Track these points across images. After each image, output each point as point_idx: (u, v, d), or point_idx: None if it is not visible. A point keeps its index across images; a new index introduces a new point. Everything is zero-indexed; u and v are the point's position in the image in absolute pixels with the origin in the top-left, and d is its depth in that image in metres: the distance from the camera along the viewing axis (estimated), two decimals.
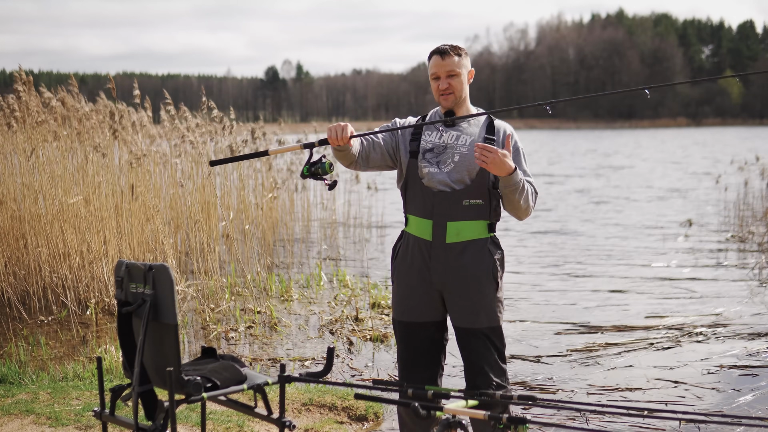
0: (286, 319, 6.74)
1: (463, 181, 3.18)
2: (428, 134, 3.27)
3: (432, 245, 3.20)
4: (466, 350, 3.25)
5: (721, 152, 32.38)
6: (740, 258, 9.69)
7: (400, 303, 3.31)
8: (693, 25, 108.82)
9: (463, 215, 3.17)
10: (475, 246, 3.20)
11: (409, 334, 3.30)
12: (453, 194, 3.17)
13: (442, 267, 3.19)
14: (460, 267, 3.18)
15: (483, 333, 3.21)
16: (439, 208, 3.17)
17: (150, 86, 69.37)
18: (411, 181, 3.25)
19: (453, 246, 3.18)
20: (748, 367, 5.36)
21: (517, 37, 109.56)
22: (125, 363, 2.92)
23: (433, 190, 3.19)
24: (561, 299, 7.53)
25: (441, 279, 3.20)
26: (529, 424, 1.91)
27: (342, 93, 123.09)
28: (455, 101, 3.25)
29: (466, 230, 3.18)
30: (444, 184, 3.18)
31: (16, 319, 6.58)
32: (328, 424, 4.27)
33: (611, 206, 15.53)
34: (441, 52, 3.23)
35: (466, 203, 3.17)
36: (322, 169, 3.06)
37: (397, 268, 3.32)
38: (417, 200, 3.23)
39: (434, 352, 3.31)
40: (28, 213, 7.17)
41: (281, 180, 10.38)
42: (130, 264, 2.86)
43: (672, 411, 2.42)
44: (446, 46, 3.25)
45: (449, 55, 3.22)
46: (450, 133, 3.25)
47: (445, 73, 3.23)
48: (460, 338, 3.27)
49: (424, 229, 3.21)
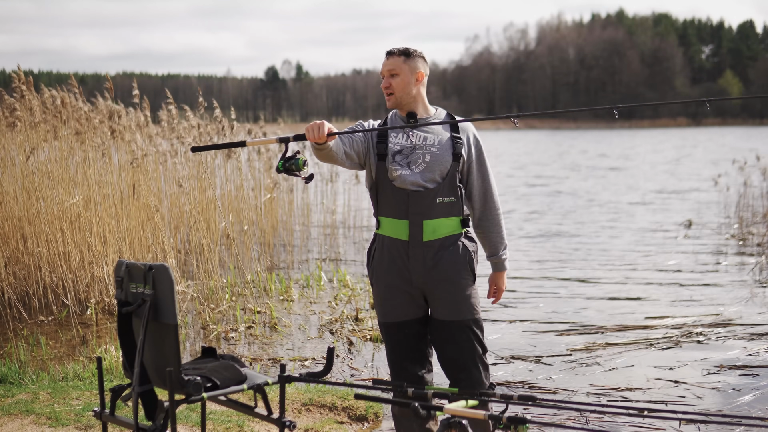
0: (286, 319, 6.74)
1: (435, 180, 3.23)
2: (394, 136, 3.30)
3: (409, 245, 3.24)
4: (449, 344, 3.29)
5: (721, 152, 32.37)
6: (740, 258, 9.69)
7: (383, 305, 3.35)
8: (693, 25, 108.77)
9: (438, 213, 3.23)
10: (451, 241, 3.26)
11: (395, 335, 3.35)
12: (427, 193, 3.21)
13: (421, 265, 3.23)
14: (439, 263, 3.23)
15: (467, 325, 3.27)
16: (414, 207, 3.22)
17: (150, 86, 69.38)
18: (381, 183, 3.28)
19: (430, 243, 3.23)
20: (748, 367, 5.36)
21: (517, 37, 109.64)
22: (125, 363, 2.92)
23: (407, 190, 3.22)
24: (561, 299, 7.53)
25: (421, 277, 3.25)
26: (529, 424, 1.91)
27: (342, 93, 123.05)
28: (396, 102, 3.30)
29: (441, 227, 3.24)
30: (416, 184, 3.22)
31: (16, 319, 6.58)
32: (328, 424, 4.27)
33: (611, 206, 15.53)
34: (388, 52, 3.30)
35: (439, 201, 3.23)
36: (295, 165, 3.07)
37: (375, 271, 3.36)
38: (390, 202, 3.27)
39: (422, 347, 3.36)
40: (28, 213, 7.17)
41: (283, 178, 10.37)
42: (130, 264, 2.86)
43: (672, 411, 2.43)
44: (397, 47, 3.30)
45: (394, 55, 3.28)
46: (416, 134, 3.28)
47: (387, 72, 3.29)
48: (443, 332, 3.29)
49: (399, 229, 3.25)
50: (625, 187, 19.37)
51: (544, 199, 16.96)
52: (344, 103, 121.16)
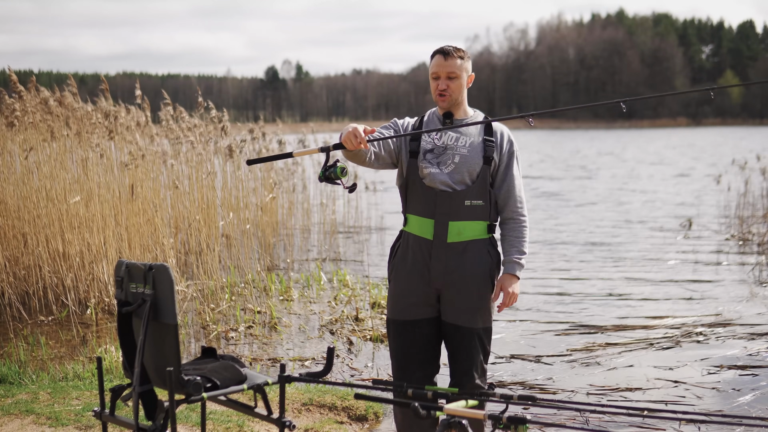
0: (286, 319, 6.74)
1: (465, 182, 3.21)
2: (427, 134, 3.29)
3: (433, 244, 3.22)
4: (456, 348, 3.28)
5: (721, 152, 32.37)
6: (740, 258, 9.69)
7: (398, 302, 3.33)
8: (693, 25, 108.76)
9: (465, 215, 3.21)
10: (476, 246, 3.23)
11: (405, 333, 3.32)
12: (455, 194, 3.19)
13: (443, 266, 3.21)
14: (459, 266, 3.21)
15: (477, 334, 3.26)
16: (442, 207, 3.20)
17: (150, 86, 69.26)
18: (411, 180, 3.27)
19: (454, 245, 3.21)
20: (748, 367, 5.36)
21: (517, 37, 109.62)
22: (125, 363, 2.92)
23: (436, 190, 3.21)
24: (561, 299, 7.53)
25: (440, 278, 3.22)
26: (529, 424, 1.91)
27: (342, 93, 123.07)
28: (451, 103, 3.27)
29: (467, 230, 3.21)
30: (445, 184, 3.20)
31: (16, 319, 6.57)
32: (328, 424, 4.27)
33: (611, 206, 15.53)
34: (444, 53, 3.24)
35: (467, 203, 3.20)
36: (334, 173, 3.09)
37: (396, 267, 3.34)
38: (418, 200, 3.25)
39: (430, 349, 3.33)
40: (28, 213, 7.17)
41: (284, 178, 10.37)
42: (130, 264, 2.86)
43: (672, 411, 2.43)
44: (450, 47, 3.26)
45: (452, 57, 3.22)
46: (449, 134, 3.26)
47: (445, 74, 3.23)
48: (451, 335, 3.29)
49: (425, 228, 3.23)
50: (625, 187, 19.37)
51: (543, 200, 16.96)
52: (344, 103, 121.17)
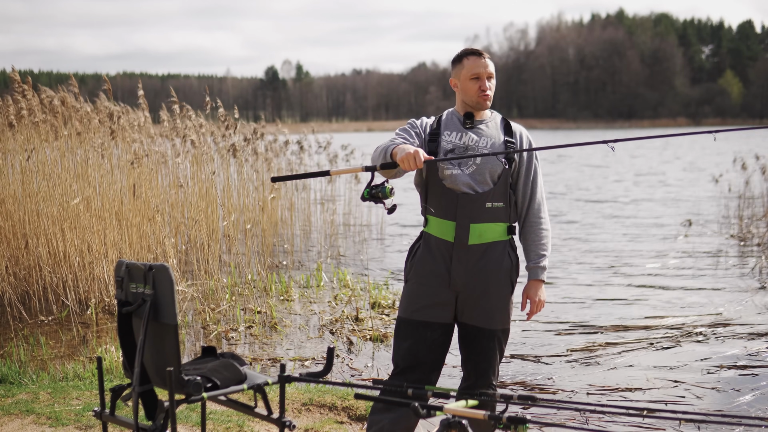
0: (286, 319, 6.74)
1: (486, 183, 3.19)
2: (447, 134, 3.26)
3: (454, 246, 3.19)
4: (474, 350, 3.25)
5: (721, 152, 32.36)
6: (740, 258, 9.69)
7: (414, 302, 3.27)
8: (693, 25, 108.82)
9: (486, 217, 3.18)
10: (496, 248, 3.21)
11: (416, 334, 3.26)
12: (477, 196, 3.17)
13: (463, 268, 3.19)
14: (480, 268, 3.18)
15: (495, 335, 3.24)
16: (463, 209, 3.17)
17: (150, 86, 69.29)
18: (432, 182, 3.24)
19: (475, 248, 3.18)
20: (748, 367, 5.36)
21: (517, 37, 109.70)
22: (125, 363, 2.92)
23: (457, 191, 3.18)
24: (561, 299, 7.53)
25: (461, 280, 3.19)
26: (529, 424, 1.91)
27: (342, 93, 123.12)
28: (489, 103, 3.28)
29: (488, 232, 3.20)
30: (467, 185, 3.18)
31: (16, 319, 6.57)
32: (328, 424, 4.27)
33: (611, 206, 15.53)
34: (479, 53, 3.25)
35: (489, 205, 3.18)
36: (382, 192, 3.05)
37: (414, 267, 3.30)
38: (439, 202, 3.22)
39: (438, 354, 3.29)
40: (28, 213, 7.17)
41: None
42: (131, 264, 2.86)
43: (672, 411, 2.43)
44: (478, 48, 3.28)
45: (485, 57, 3.25)
46: (470, 135, 3.24)
47: (486, 74, 3.24)
48: (471, 337, 3.26)
49: (446, 230, 3.21)
50: (624, 187, 19.37)
51: None
52: (344, 103, 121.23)
